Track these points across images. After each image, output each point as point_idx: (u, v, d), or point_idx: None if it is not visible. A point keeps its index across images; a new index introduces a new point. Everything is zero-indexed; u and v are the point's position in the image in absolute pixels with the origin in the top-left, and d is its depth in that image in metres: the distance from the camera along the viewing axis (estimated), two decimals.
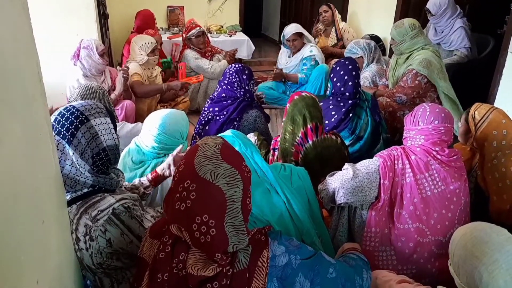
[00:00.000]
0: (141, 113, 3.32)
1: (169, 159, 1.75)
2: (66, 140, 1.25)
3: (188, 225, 0.98)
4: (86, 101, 1.35)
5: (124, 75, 3.11)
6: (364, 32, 4.83)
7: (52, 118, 1.29)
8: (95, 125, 1.29)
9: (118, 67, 3.23)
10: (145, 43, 3.48)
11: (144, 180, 1.74)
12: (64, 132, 1.25)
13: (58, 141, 1.25)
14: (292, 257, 1.07)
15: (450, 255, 1.17)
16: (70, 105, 1.32)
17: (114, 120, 1.39)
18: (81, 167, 1.27)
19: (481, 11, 4.19)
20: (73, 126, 1.25)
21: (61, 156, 1.25)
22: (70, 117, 1.27)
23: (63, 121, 1.27)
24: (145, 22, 4.27)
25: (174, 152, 1.77)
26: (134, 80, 3.34)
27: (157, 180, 1.76)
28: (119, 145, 1.41)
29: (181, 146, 1.82)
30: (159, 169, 1.75)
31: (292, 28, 4.07)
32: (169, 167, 1.74)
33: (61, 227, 1.18)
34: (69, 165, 1.26)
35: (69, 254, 1.24)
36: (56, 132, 1.26)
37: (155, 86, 3.54)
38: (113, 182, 1.36)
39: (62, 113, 1.29)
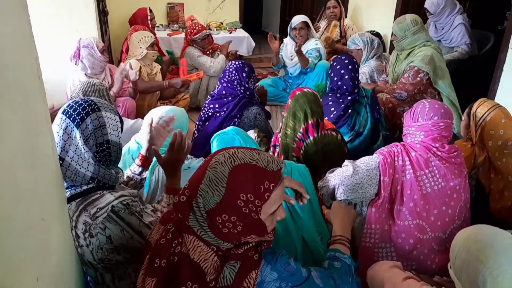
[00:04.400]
0: (141, 110, 3.31)
1: (145, 136, 1.70)
2: (75, 123, 1.28)
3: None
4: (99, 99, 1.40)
5: (137, 77, 3.08)
6: (365, 28, 4.82)
7: (65, 105, 1.34)
8: (105, 116, 1.34)
9: (128, 68, 3.19)
10: (145, 37, 3.49)
11: (134, 167, 1.70)
12: (75, 115, 1.29)
13: (67, 124, 1.29)
14: (283, 285, 1.03)
15: (452, 258, 1.15)
16: (86, 97, 1.37)
17: (122, 121, 1.43)
18: (86, 151, 1.29)
19: (481, 7, 4.18)
20: (84, 112, 1.30)
21: (66, 140, 1.28)
22: (84, 104, 1.32)
23: (76, 106, 1.32)
24: (136, 22, 4.26)
25: (147, 128, 1.70)
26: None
27: (146, 161, 1.71)
28: (122, 146, 1.43)
29: (150, 120, 1.73)
30: (143, 151, 1.71)
31: (300, 17, 4.05)
32: (149, 143, 1.68)
33: (61, 224, 1.18)
34: (73, 151, 1.28)
35: (69, 251, 1.24)
36: (67, 115, 1.30)
37: (155, 82, 3.54)
38: (112, 177, 1.36)
39: (76, 100, 1.35)
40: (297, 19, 4.04)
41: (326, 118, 2.50)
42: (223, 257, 1.02)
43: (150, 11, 4.42)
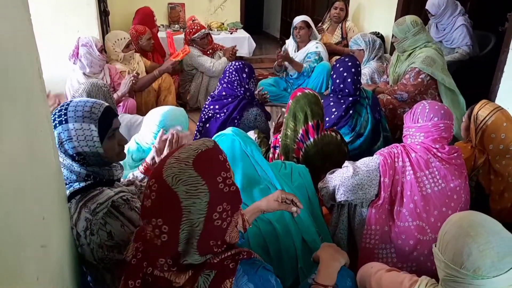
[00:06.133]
0: (139, 107, 3.31)
1: (154, 148, 1.72)
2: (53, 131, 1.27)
3: (147, 224, 0.94)
4: (88, 101, 1.33)
5: (133, 81, 3.07)
6: (366, 29, 4.82)
7: (52, 107, 1.31)
8: (72, 129, 1.27)
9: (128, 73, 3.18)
10: (118, 40, 3.33)
11: (137, 173, 1.72)
12: (52, 124, 1.28)
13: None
14: None
15: (441, 234, 1.18)
16: (70, 101, 1.34)
17: (106, 128, 1.33)
18: (67, 157, 1.29)
19: (482, 8, 4.17)
20: (54, 123, 1.28)
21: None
22: (57, 113, 1.30)
23: (54, 114, 1.30)
24: (143, 20, 4.22)
25: (157, 139, 1.71)
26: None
27: (149, 170, 1.72)
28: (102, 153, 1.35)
29: (161, 131, 1.74)
30: (148, 159, 1.72)
31: (301, 17, 4.06)
32: (157, 154, 1.69)
33: (61, 223, 1.18)
34: (60, 155, 1.29)
35: (69, 250, 1.24)
36: (52, 121, 1.29)
37: (147, 76, 3.48)
38: (110, 172, 1.36)
39: (58, 108, 1.32)
40: (298, 19, 4.05)
41: (327, 118, 2.51)
42: (198, 266, 0.98)
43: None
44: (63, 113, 1.29)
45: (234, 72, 2.75)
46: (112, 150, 1.35)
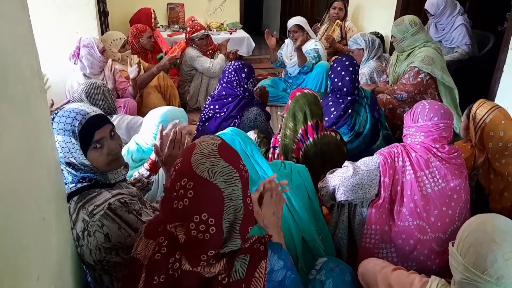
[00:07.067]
0: (140, 108, 3.31)
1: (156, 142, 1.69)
2: None
3: (186, 223, 0.96)
4: (72, 111, 1.30)
5: (138, 68, 3.07)
6: (365, 29, 4.82)
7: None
8: (56, 141, 1.29)
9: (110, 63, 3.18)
10: (114, 40, 3.30)
11: (142, 170, 1.72)
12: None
13: None
14: (288, 274, 1.08)
15: (461, 236, 1.16)
16: (63, 110, 1.33)
17: (88, 140, 1.30)
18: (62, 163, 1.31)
19: (481, 8, 4.18)
20: None
21: None
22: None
23: None
24: (139, 22, 4.20)
25: (158, 134, 1.68)
26: (126, 77, 3.29)
27: (154, 166, 1.72)
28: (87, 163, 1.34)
29: (161, 126, 1.70)
30: (153, 156, 1.72)
31: (294, 20, 4.02)
32: (157, 152, 1.66)
33: (61, 223, 1.18)
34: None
35: (69, 250, 1.24)
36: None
37: (147, 73, 3.47)
38: (105, 177, 1.36)
39: (53, 115, 1.33)
40: (290, 22, 4.02)
41: (326, 118, 2.51)
42: (231, 253, 1.02)
43: (153, 11, 4.40)
44: (51, 122, 1.28)
45: (233, 72, 2.76)
46: (100, 160, 1.33)
